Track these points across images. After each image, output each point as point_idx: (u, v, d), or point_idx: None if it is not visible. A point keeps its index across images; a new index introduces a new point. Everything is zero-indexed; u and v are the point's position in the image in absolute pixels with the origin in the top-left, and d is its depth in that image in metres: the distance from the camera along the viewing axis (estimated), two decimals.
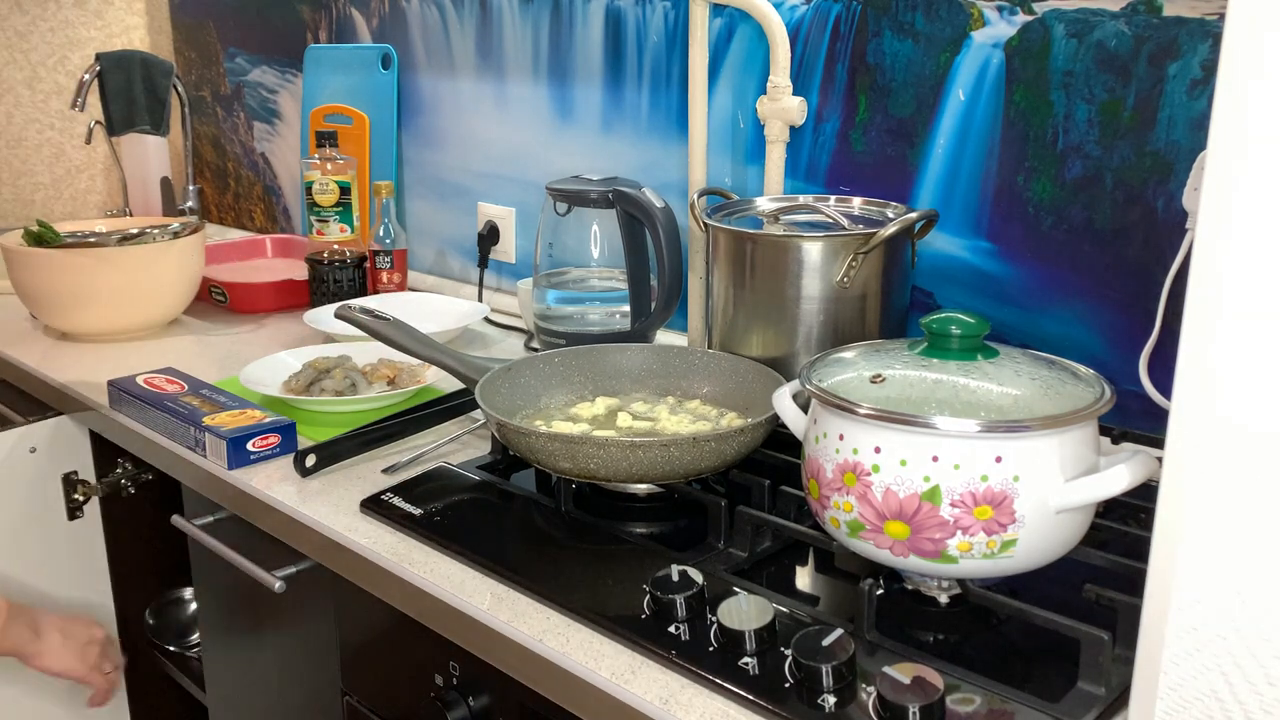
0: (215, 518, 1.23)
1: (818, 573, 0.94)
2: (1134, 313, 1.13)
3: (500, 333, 1.67)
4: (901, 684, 0.71)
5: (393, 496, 1.06)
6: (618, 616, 0.85)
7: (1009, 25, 1.17)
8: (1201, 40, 1.04)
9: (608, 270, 1.42)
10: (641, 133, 1.56)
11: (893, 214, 1.22)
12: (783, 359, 1.16)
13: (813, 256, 1.14)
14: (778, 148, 1.37)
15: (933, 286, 1.28)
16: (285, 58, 2.17)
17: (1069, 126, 1.14)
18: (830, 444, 0.83)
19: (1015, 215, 1.20)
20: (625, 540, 0.98)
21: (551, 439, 0.98)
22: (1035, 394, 0.81)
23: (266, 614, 1.24)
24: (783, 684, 0.75)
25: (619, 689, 0.78)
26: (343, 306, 1.24)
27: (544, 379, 1.20)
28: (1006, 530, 0.78)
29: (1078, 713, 0.72)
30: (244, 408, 1.23)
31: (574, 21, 1.61)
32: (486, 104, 1.78)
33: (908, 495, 0.79)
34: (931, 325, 0.86)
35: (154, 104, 2.20)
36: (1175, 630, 0.55)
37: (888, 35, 1.27)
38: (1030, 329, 1.21)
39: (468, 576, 0.94)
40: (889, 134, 1.29)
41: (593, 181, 1.39)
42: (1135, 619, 0.58)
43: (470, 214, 1.84)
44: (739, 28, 1.40)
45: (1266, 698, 0.53)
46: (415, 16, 1.87)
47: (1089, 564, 0.87)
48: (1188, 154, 1.07)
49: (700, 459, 0.98)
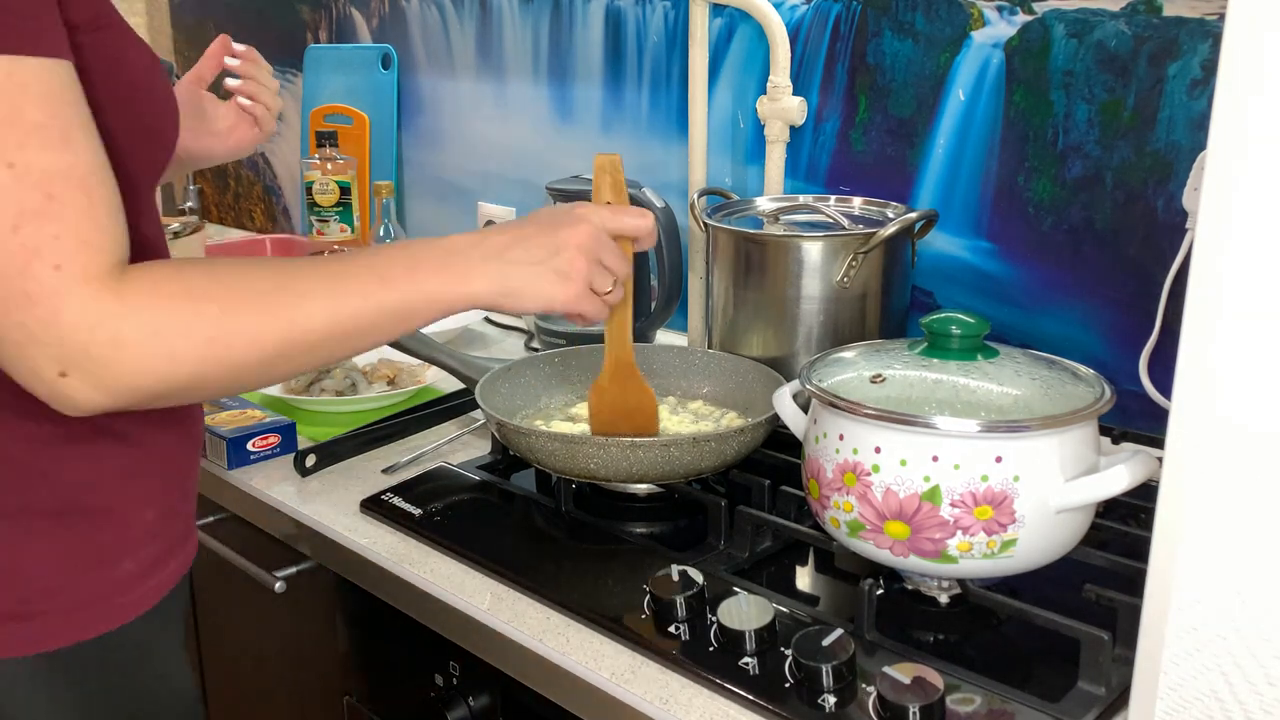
0: (215, 518, 1.23)
1: (818, 573, 0.94)
2: (1134, 313, 1.13)
3: (500, 333, 1.67)
4: (901, 684, 0.71)
5: (393, 496, 1.06)
6: (618, 616, 0.85)
7: (1009, 25, 1.17)
8: (1201, 40, 1.04)
9: None
10: (641, 133, 1.56)
11: (893, 214, 1.22)
12: (783, 359, 1.16)
13: (813, 256, 1.14)
14: (778, 148, 1.37)
15: (933, 286, 1.28)
16: (285, 58, 2.17)
17: (1069, 126, 1.14)
18: (830, 444, 0.83)
19: (1015, 215, 1.20)
20: (625, 540, 0.98)
21: (551, 439, 0.98)
22: (1035, 394, 0.81)
23: (266, 614, 1.24)
24: (783, 684, 0.75)
25: (619, 689, 0.78)
26: None
27: (544, 379, 1.20)
28: (1006, 530, 0.78)
29: (1078, 713, 0.72)
30: (244, 408, 1.23)
31: (574, 21, 1.61)
32: (486, 104, 1.78)
33: (908, 495, 0.79)
34: (931, 325, 0.86)
35: None
36: (1175, 630, 0.55)
37: (888, 35, 1.27)
38: (1030, 329, 1.21)
39: (468, 576, 0.94)
40: (889, 134, 1.29)
41: (593, 181, 1.39)
42: (1135, 619, 0.58)
43: (470, 214, 1.84)
44: (739, 28, 1.40)
45: (1266, 698, 0.53)
46: (415, 16, 1.87)
47: (1089, 564, 0.87)
48: (1188, 154, 1.07)
49: (700, 459, 0.98)
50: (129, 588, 0.78)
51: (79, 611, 0.75)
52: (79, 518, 0.75)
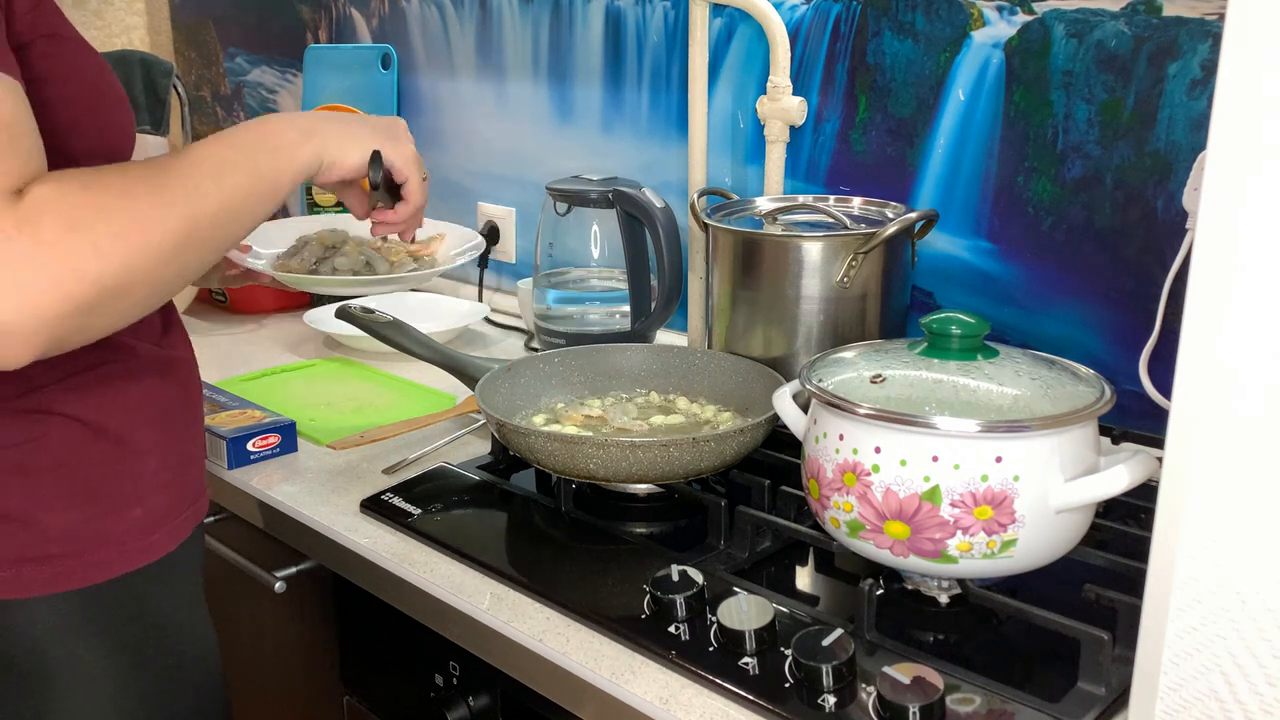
0: (215, 518, 1.23)
1: (818, 573, 0.94)
2: (1134, 313, 1.13)
3: (500, 333, 1.67)
4: (901, 684, 0.71)
5: (393, 496, 1.06)
6: (618, 616, 0.85)
7: (1009, 25, 1.17)
8: (1201, 40, 1.04)
9: (608, 270, 1.42)
10: (641, 133, 1.56)
11: (893, 214, 1.22)
12: (783, 359, 1.16)
13: (813, 256, 1.14)
14: (778, 148, 1.37)
15: (933, 286, 1.28)
16: (285, 58, 2.17)
17: (1069, 126, 1.14)
18: (830, 444, 0.83)
19: (1015, 215, 1.20)
20: (625, 540, 0.98)
21: (551, 439, 0.98)
22: (1035, 394, 0.81)
23: (266, 614, 1.24)
24: (783, 684, 0.75)
25: (619, 689, 0.78)
26: (343, 307, 1.24)
27: (544, 379, 1.20)
28: (1006, 530, 0.78)
29: (1078, 713, 0.72)
30: (244, 408, 1.23)
31: (574, 21, 1.61)
32: (486, 104, 1.78)
33: (908, 495, 0.79)
34: (931, 325, 0.86)
35: (154, 104, 2.20)
36: (1175, 630, 0.55)
37: (888, 35, 1.27)
38: (1030, 329, 1.21)
39: (468, 576, 0.94)
40: (889, 134, 1.29)
41: (593, 181, 1.39)
42: (1135, 619, 0.58)
43: (470, 214, 1.84)
44: (739, 28, 1.40)
45: (1266, 698, 0.53)
46: (415, 16, 1.87)
47: (1089, 564, 0.87)
48: (1188, 154, 1.07)
49: (700, 459, 0.98)
50: (142, 533, 0.83)
51: (91, 554, 0.80)
52: (89, 466, 0.80)
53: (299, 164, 0.82)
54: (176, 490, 0.87)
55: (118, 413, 0.82)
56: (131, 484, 0.83)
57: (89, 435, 0.80)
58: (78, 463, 0.80)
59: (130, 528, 0.83)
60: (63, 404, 0.79)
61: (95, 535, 0.81)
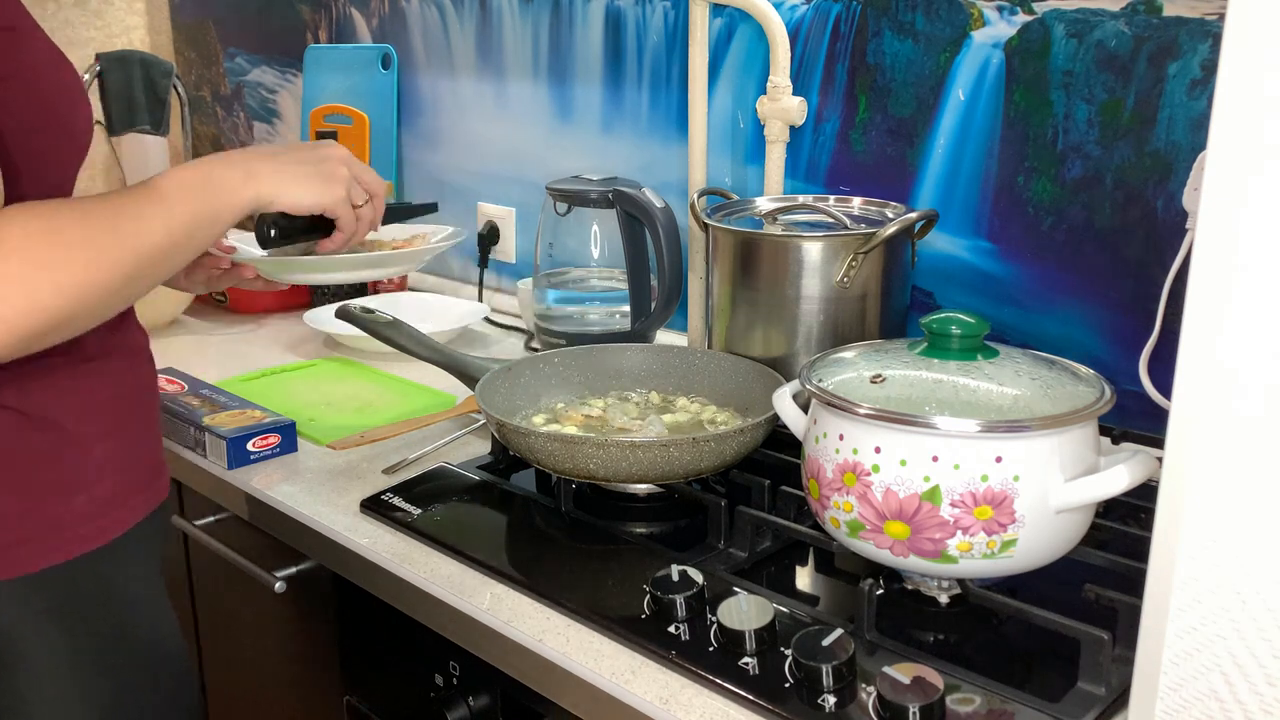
0: (215, 518, 1.23)
1: (818, 573, 0.94)
2: (1134, 313, 1.13)
3: (500, 333, 1.67)
4: (901, 684, 0.71)
5: (393, 496, 1.06)
6: (618, 616, 0.85)
7: (1009, 25, 1.17)
8: (1201, 40, 1.04)
9: (608, 270, 1.42)
10: (641, 133, 1.56)
11: (893, 214, 1.22)
12: (783, 359, 1.16)
13: (813, 256, 1.14)
14: (778, 148, 1.37)
15: (933, 286, 1.28)
16: (285, 58, 2.17)
17: (1069, 126, 1.14)
18: (830, 444, 0.83)
19: (1015, 215, 1.20)
20: (625, 540, 0.98)
21: (551, 439, 0.98)
22: (1035, 394, 0.81)
23: (266, 614, 1.24)
24: (783, 684, 0.75)
25: (619, 689, 0.78)
26: (343, 306, 1.24)
27: (544, 379, 1.20)
28: (1006, 530, 0.78)
29: (1078, 713, 0.72)
30: (244, 408, 1.24)
31: (574, 21, 1.61)
32: (486, 104, 1.78)
33: (908, 495, 0.79)
34: (931, 325, 0.86)
35: (154, 104, 2.20)
36: (1175, 630, 0.55)
37: (888, 35, 1.27)
38: (1030, 329, 1.21)
39: (468, 576, 0.94)
40: (889, 134, 1.29)
41: (593, 181, 1.39)
42: (1135, 619, 0.58)
43: (470, 214, 1.84)
44: (739, 28, 1.40)
45: (1266, 698, 0.53)
46: (415, 16, 1.87)
47: (1089, 564, 0.87)
48: (1188, 154, 1.07)
49: (700, 459, 0.98)
50: (89, 518, 0.85)
51: (40, 540, 0.83)
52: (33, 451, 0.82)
53: (240, 203, 0.87)
54: (128, 475, 0.89)
55: (59, 402, 0.84)
56: (74, 472, 0.85)
57: (28, 425, 0.82)
58: (16, 452, 0.81)
59: (76, 513, 0.85)
60: (3, 396, 0.81)
61: (42, 521, 0.83)
